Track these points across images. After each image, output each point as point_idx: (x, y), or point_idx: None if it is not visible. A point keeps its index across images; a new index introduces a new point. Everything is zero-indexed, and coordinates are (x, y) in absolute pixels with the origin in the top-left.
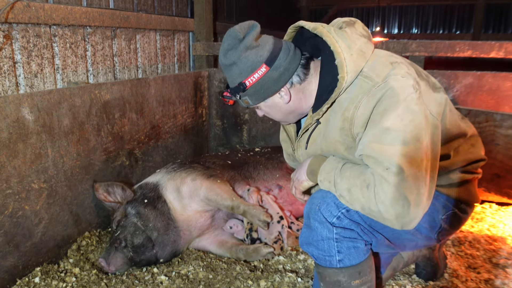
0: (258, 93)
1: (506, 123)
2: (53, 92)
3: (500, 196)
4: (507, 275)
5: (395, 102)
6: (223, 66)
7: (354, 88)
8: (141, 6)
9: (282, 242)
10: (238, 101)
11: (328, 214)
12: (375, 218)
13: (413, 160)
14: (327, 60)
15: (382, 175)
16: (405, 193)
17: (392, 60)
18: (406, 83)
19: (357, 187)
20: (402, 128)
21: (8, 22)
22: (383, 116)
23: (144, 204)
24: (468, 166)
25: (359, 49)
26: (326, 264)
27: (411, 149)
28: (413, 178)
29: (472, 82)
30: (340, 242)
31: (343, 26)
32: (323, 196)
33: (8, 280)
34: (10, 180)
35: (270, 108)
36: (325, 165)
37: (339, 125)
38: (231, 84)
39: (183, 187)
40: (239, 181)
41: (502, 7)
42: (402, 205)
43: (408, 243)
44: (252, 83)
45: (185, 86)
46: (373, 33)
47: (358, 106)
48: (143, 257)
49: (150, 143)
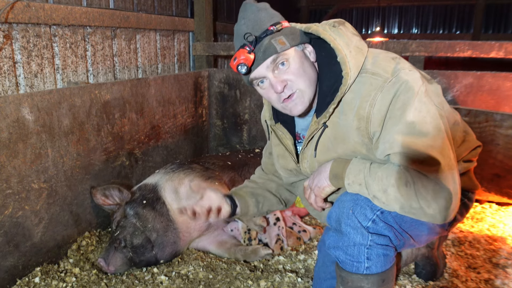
0: (294, 34)
1: (506, 123)
2: (53, 92)
3: (500, 196)
4: (507, 275)
5: (412, 96)
6: (247, 12)
7: (360, 86)
8: (141, 6)
9: (282, 242)
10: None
11: (363, 217)
12: (414, 216)
13: (443, 150)
14: (325, 60)
15: (418, 171)
16: (446, 184)
17: (392, 56)
18: (415, 75)
19: (394, 186)
20: (423, 119)
21: (8, 22)
22: (404, 111)
23: (142, 205)
24: (469, 155)
25: (356, 46)
26: (352, 270)
27: (437, 140)
28: (448, 167)
29: (472, 82)
30: (371, 249)
31: (335, 25)
32: (355, 199)
33: (8, 280)
34: (10, 180)
35: (301, 60)
36: (351, 168)
37: (354, 125)
38: (257, 29)
39: (181, 188)
40: (239, 182)
41: (502, 7)
42: (444, 197)
43: (425, 238)
44: (286, 25)
45: (185, 86)
46: (373, 33)
47: (374, 104)
48: (142, 257)
49: (150, 143)
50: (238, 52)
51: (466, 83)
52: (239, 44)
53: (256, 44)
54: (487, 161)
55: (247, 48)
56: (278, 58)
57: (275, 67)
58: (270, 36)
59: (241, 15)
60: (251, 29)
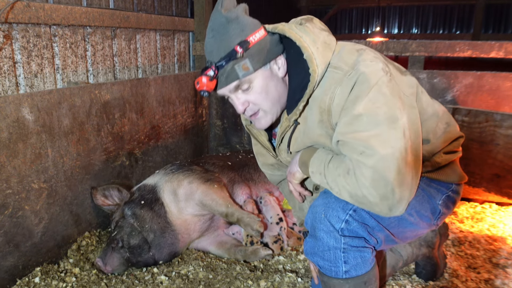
0: (262, 52)
1: (506, 123)
2: (53, 92)
3: (500, 196)
4: (507, 275)
5: (367, 88)
6: (215, 24)
7: (325, 80)
8: (141, 6)
9: (282, 242)
10: (224, 78)
11: (336, 219)
12: (363, 206)
13: (387, 141)
14: (294, 58)
15: (358, 160)
16: (385, 173)
17: (358, 48)
18: (376, 67)
19: (340, 176)
20: (374, 111)
21: (8, 22)
22: (355, 103)
23: (140, 206)
24: (449, 146)
25: (323, 41)
26: (331, 275)
27: (384, 130)
28: (391, 157)
29: (472, 82)
30: (347, 253)
31: (302, 23)
32: (326, 203)
33: (8, 280)
34: (10, 180)
35: (265, 82)
36: (315, 157)
37: (317, 118)
38: (222, 49)
39: (180, 190)
40: (239, 182)
41: (502, 7)
42: (384, 185)
43: (410, 234)
44: (256, 40)
45: (185, 86)
46: (373, 33)
47: (333, 97)
48: (139, 258)
49: (150, 143)
50: (200, 78)
51: (466, 83)
52: (205, 63)
53: (220, 68)
54: (487, 161)
55: (210, 71)
56: (241, 84)
57: (238, 89)
58: (233, 62)
59: (210, 26)
60: (216, 48)
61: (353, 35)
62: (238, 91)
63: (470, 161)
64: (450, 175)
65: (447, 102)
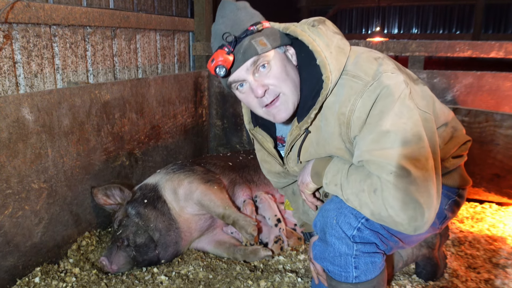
0: (275, 35)
1: (506, 123)
2: (53, 92)
3: (500, 196)
4: (507, 275)
5: (391, 102)
6: (226, 11)
7: (341, 89)
8: (141, 6)
9: (282, 242)
10: (241, 54)
11: (347, 226)
12: (385, 223)
13: (417, 160)
14: (305, 62)
15: (388, 180)
16: (415, 196)
17: (375, 56)
18: (398, 79)
19: (364, 192)
20: (402, 127)
21: (8, 22)
22: (380, 119)
23: (144, 204)
24: (458, 150)
25: (337, 45)
26: (341, 279)
27: (414, 149)
28: (421, 179)
29: (472, 82)
30: (358, 258)
31: (315, 24)
32: (338, 208)
33: (8, 280)
34: (10, 180)
35: (283, 63)
36: (331, 167)
37: (336, 131)
38: (237, 29)
39: (180, 189)
40: (240, 183)
41: (502, 7)
42: (413, 208)
43: (415, 239)
44: (266, 26)
45: (185, 86)
46: (373, 33)
47: (354, 110)
48: (145, 257)
49: (150, 143)
50: (216, 53)
51: (466, 83)
52: (217, 45)
53: (236, 44)
54: (487, 161)
55: (225, 49)
56: (259, 60)
57: (256, 69)
58: (250, 37)
59: (219, 14)
60: (230, 28)
61: (353, 35)
62: (255, 72)
63: (470, 161)
64: (457, 180)
65: (447, 102)
